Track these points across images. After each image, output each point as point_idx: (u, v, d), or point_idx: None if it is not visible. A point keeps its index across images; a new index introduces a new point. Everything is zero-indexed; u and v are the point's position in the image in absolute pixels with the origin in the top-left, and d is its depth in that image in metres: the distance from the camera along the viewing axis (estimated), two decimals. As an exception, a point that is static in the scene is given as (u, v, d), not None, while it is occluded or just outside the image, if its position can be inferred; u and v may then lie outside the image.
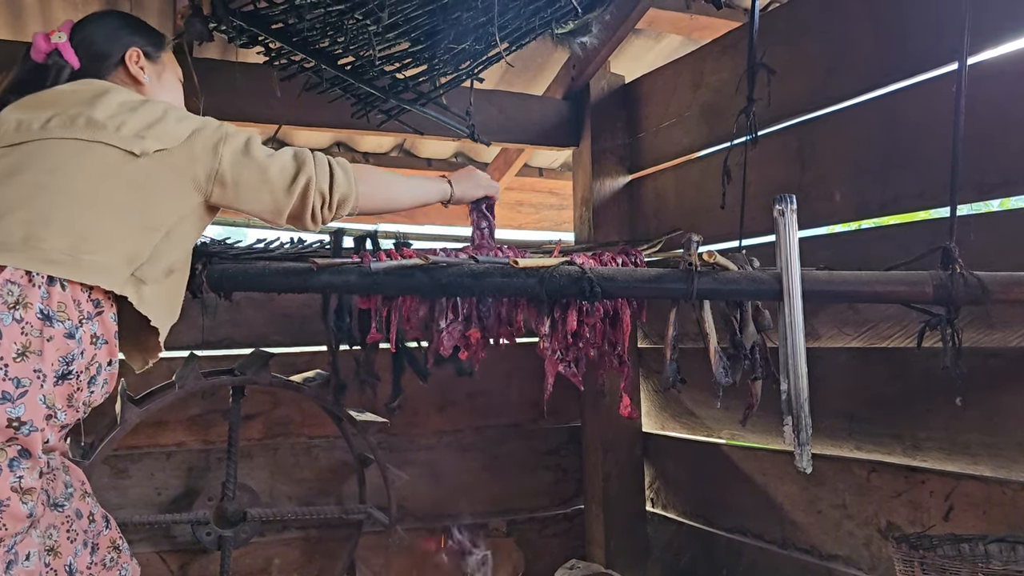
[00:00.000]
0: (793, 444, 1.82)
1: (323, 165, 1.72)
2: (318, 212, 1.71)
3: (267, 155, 1.68)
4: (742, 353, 1.94)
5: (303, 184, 1.68)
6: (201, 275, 1.81)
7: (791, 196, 1.83)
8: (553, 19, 2.14)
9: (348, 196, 1.73)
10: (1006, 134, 2.07)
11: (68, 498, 1.63)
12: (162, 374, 2.91)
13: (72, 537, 1.61)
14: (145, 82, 1.80)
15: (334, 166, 1.73)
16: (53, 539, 1.55)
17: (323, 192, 1.70)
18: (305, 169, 1.69)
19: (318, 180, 1.69)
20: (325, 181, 1.70)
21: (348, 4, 1.96)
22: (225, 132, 1.67)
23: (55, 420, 1.42)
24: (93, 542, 1.68)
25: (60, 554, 1.56)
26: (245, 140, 1.68)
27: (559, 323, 2.04)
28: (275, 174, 1.66)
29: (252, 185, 1.66)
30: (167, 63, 1.88)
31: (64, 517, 1.60)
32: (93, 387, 1.51)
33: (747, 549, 2.90)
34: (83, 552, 1.63)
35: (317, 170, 1.70)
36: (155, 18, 3.02)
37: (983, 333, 2.11)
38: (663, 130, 3.26)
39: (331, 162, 1.73)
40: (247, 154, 1.66)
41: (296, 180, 1.67)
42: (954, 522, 2.20)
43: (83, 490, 1.71)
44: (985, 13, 2.04)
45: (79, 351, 1.44)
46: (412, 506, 3.19)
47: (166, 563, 2.90)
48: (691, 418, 3.16)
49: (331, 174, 1.71)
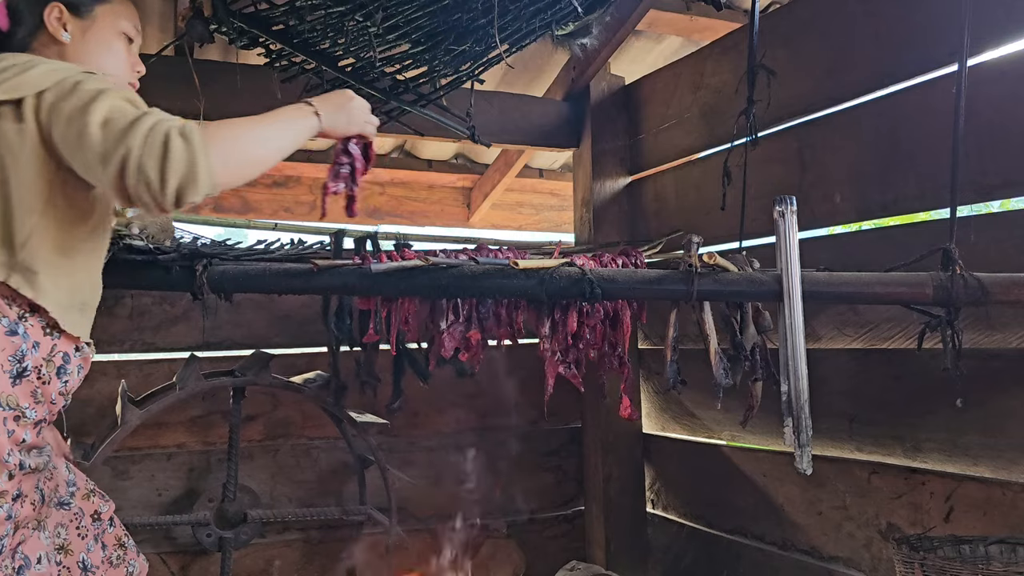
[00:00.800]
0: (793, 445, 1.82)
1: (155, 137, 1.30)
2: (145, 198, 1.31)
3: (104, 119, 1.33)
4: (742, 354, 1.95)
5: (120, 157, 1.30)
6: (202, 276, 1.81)
7: (791, 197, 1.83)
8: (553, 21, 2.14)
9: (191, 181, 1.31)
10: (1006, 135, 2.07)
11: (72, 496, 1.62)
12: (163, 376, 2.92)
13: (83, 533, 1.60)
14: (65, 40, 1.54)
15: (172, 140, 1.30)
16: (62, 537, 1.54)
17: (147, 175, 1.29)
18: (127, 139, 1.30)
19: (141, 159, 1.29)
20: (153, 161, 1.29)
21: (348, 6, 1.96)
22: (77, 85, 1.37)
23: (24, 420, 1.39)
24: (102, 540, 1.67)
25: (72, 551, 1.55)
26: (91, 97, 1.35)
27: (559, 324, 2.05)
28: (96, 140, 1.31)
29: (73, 146, 1.35)
30: (103, 19, 1.59)
31: (71, 515, 1.59)
32: (65, 376, 1.46)
33: (747, 550, 2.89)
34: (95, 548, 1.62)
35: (145, 145, 1.30)
36: (156, 20, 3.02)
37: (983, 334, 2.11)
38: (663, 131, 3.27)
39: (170, 134, 1.31)
40: (83, 111, 1.34)
41: (115, 150, 1.30)
42: (955, 523, 2.20)
43: (87, 489, 1.69)
44: (985, 14, 2.04)
45: (29, 345, 1.39)
46: (412, 507, 3.19)
47: (167, 564, 2.90)
48: (691, 419, 3.15)
49: (165, 152, 1.30)
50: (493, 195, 4.24)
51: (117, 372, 2.92)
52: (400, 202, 4.31)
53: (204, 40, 2.19)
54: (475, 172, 4.29)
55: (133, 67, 1.66)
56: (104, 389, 2.87)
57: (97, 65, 1.55)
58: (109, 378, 2.90)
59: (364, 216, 4.19)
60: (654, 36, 3.49)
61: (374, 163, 1.76)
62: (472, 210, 4.44)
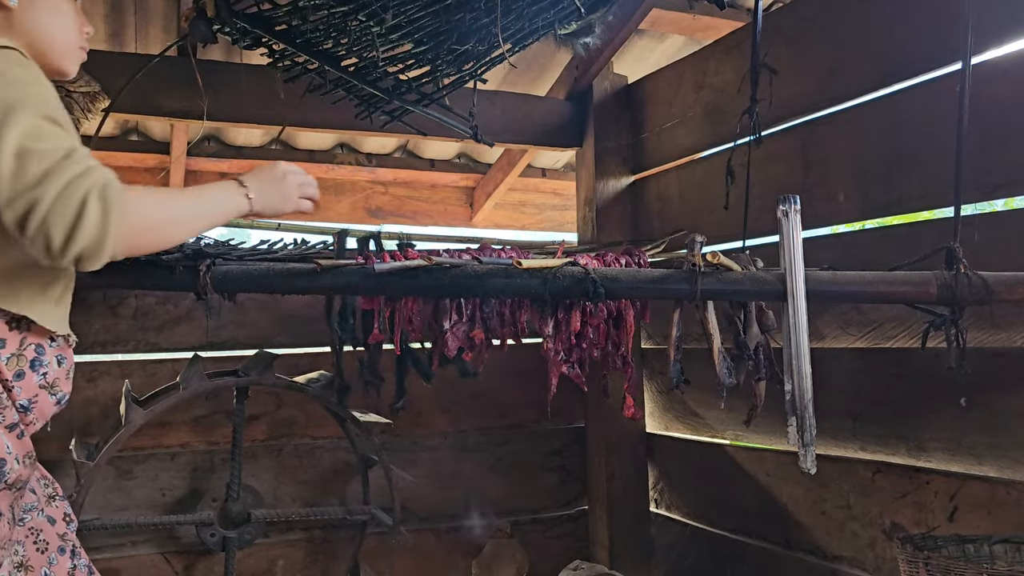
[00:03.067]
0: (797, 445, 1.82)
1: (71, 197, 1.21)
2: (38, 253, 1.25)
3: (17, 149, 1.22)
4: (746, 354, 1.94)
5: (24, 208, 1.21)
6: (205, 276, 1.81)
7: (795, 196, 1.83)
8: (556, 20, 2.14)
9: (96, 251, 1.25)
10: (1010, 134, 2.07)
11: (29, 510, 1.54)
12: (166, 375, 2.92)
13: (41, 548, 1.52)
14: (13, 5, 1.43)
15: (88, 205, 1.21)
16: (20, 555, 1.48)
17: (49, 234, 1.21)
18: (39, 188, 1.20)
19: (48, 216, 1.20)
20: (62, 223, 1.21)
21: (351, 6, 1.96)
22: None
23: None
24: (73, 545, 1.59)
25: (32, 568, 1.49)
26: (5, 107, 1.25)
27: (563, 324, 2.05)
28: (4, 175, 1.21)
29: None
30: None
31: (27, 530, 1.51)
32: (43, 368, 1.43)
33: (751, 550, 2.89)
34: (60, 559, 1.54)
35: (58, 202, 1.20)
36: (159, 20, 3.03)
37: (987, 333, 2.10)
38: (666, 131, 3.26)
39: (88, 197, 1.22)
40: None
41: (21, 197, 1.21)
42: (959, 523, 2.20)
43: (50, 492, 1.60)
44: (989, 13, 2.04)
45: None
46: (416, 507, 3.19)
47: (170, 564, 2.91)
48: (695, 419, 3.15)
49: (78, 217, 1.21)
50: (496, 195, 4.24)
51: (121, 372, 2.93)
52: (403, 202, 4.31)
53: (207, 40, 2.19)
54: (478, 172, 4.29)
55: (81, 28, 1.57)
56: (108, 389, 2.88)
57: (49, 30, 1.47)
58: (113, 378, 2.91)
59: (367, 216, 4.19)
60: (657, 35, 3.49)
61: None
62: (475, 210, 4.44)
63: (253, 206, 1.52)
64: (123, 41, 3.08)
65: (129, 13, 2.98)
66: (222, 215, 1.51)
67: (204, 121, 2.72)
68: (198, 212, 1.45)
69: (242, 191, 1.51)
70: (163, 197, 1.43)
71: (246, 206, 1.52)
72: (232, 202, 1.51)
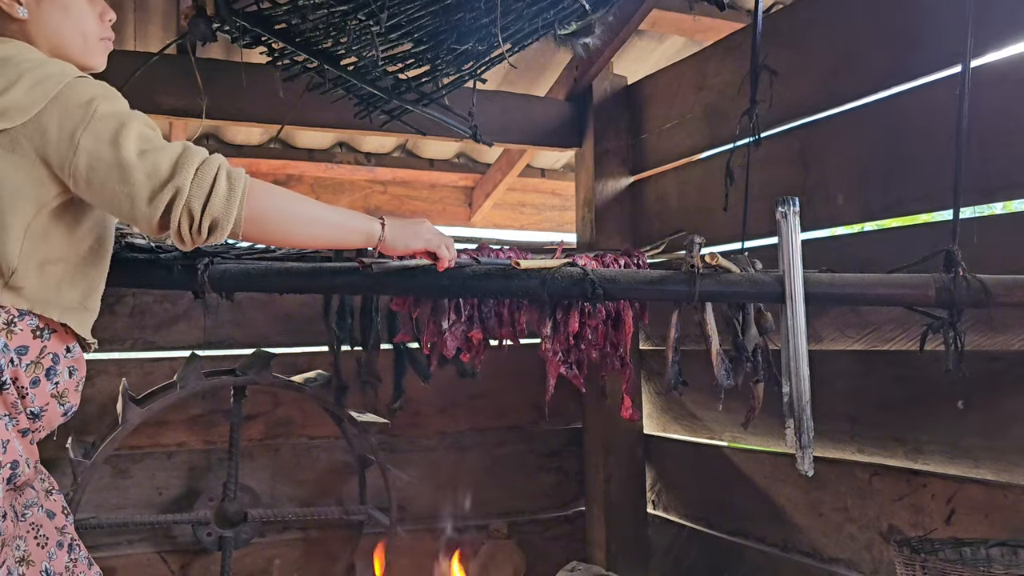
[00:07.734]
0: (795, 447, 1.82)
1: (205, 176, 1.35)
2: (185, 233, 1.36)
3: (139, 151, 1.33)
4: (744, 356, 1.94)
5: (169, 197, 1.33)
6: (203, 275, 1.81)
7: (794, 198, 1.83)
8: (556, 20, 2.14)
9: (221, 221, 1.36)
10: (1009, 137, 2.07)
11: (30, 506, 1.55)
12: (164, 374, 2.92)
13: (42, 543, 1.54)
14: (23, 16, 1.43)
15: (219, 180, 1.36)
16: (22, 549, 1.49)
17: (192, 211, 1.34)
18: (178, 177, 1.33)
19: (189, 196, 1.34)
20: (199, 198, 1.34)
21: (351, 5, 1.96)
22: (92, 112, 1.34)
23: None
24: (71, 539, 1.60)
25: (33, 562, 1.50)
26: (115, 127, 1.34)
27: (561, 325, 2.04)
28: (140, 178, 1.33)
29: (109, 187, 1.34)
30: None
31: (28, 525, 1.53)
32: (56, 377, 1.44)
33: (748, 552, 2.89)
34: (59, 553, 1.56)
35: (194, 182, 1.34)
36: (159, 19, 3.03)
37: (985, 336, 2.10)
38: (666, 132, 3.26)
39: (219, 175, 1.36)
40: (114, 146, 1.33)
41: (163, 189, 1.33)
42: (956, 526, 2.20)
43: (47, 486, 1.61)
44: (988, 16, 2.04)
45: (6, 360, 1.37)
46: (413, 507, 3.19)
47: (167, 563, 2.91)
48: (693, 420, 3.15)
49: (211, 190, 1.35)
50: (495, 195, 4.24)
51: (118, 371, 2.92)
52: (402, 201, 4.31)
53: (207, 39, 2.19)
54: (477, 171, 4.29)
55: (102, 16, 1.55)
56: (105, 388, 2.87)
57: (61, 32, 1.47)
58: (110, 376, 2.90)
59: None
60: (657, 36, 3.49)
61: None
62: (474, 210, 4.43)
63: (385, 233, 1.58)
64: (122, 39, 3.08)
65: (129, 11, 2.98)
66: (348, 230, 1.56)
67: (203, 119, 2.72)
68: (324, 218, 1.53)
69: (378, 220, 1.59)
70: (291, 193, 1.51)
71: (377, 230, 1.58)
72: (364, 223, 1.58)
